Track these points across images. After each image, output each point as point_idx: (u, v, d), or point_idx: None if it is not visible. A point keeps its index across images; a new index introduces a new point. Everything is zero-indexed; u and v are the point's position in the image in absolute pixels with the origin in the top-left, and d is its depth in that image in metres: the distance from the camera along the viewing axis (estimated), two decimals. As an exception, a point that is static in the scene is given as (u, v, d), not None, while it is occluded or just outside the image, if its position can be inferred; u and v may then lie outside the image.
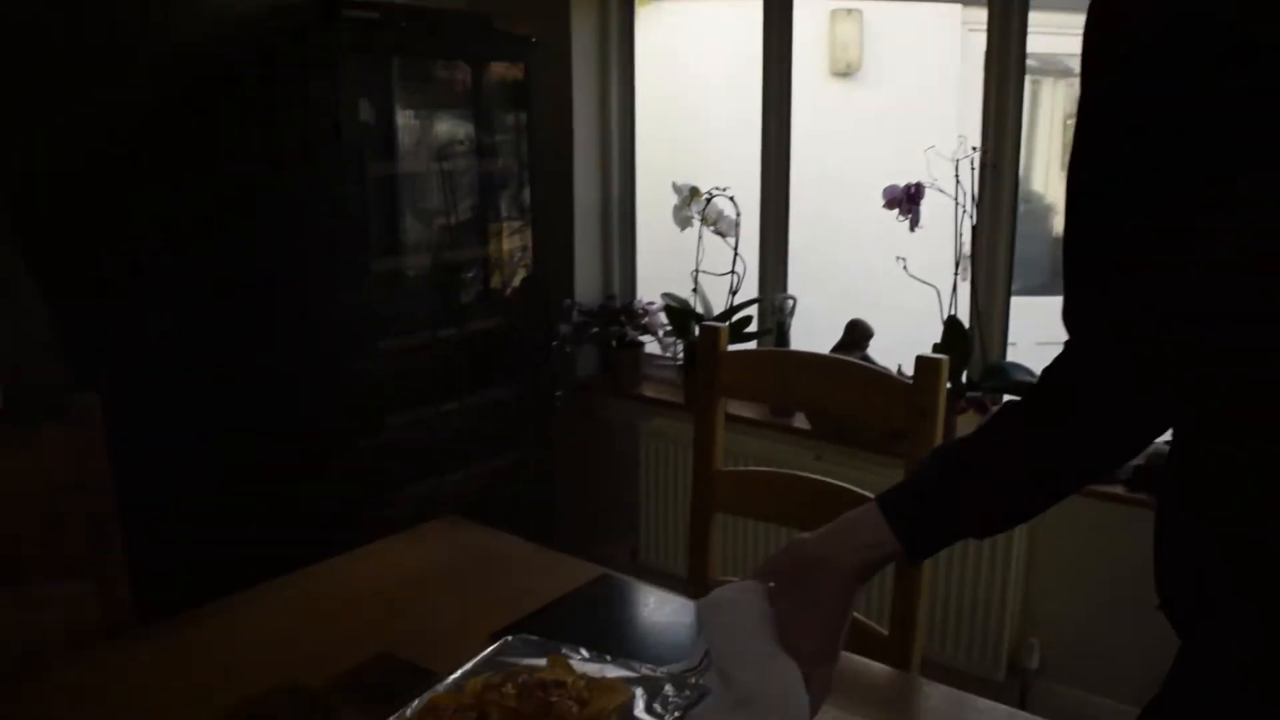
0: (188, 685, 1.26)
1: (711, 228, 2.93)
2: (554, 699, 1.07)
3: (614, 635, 1.32)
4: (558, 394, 3.06)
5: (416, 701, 1.11)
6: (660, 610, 1.41)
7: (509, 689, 1.09)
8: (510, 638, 1.25)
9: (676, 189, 2.96)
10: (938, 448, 1.05)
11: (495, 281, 3.00)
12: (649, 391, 3.17)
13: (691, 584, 1.74)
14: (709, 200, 2.92)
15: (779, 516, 1.65)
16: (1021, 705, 2.48)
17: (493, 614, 1.38)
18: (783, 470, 1.64)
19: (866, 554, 0.98)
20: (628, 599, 1.44)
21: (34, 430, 1.43)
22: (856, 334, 2.71)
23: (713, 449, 1.66)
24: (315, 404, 2.60)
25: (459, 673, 1.18)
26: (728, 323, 2.53)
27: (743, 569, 2.86)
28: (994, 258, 2.65)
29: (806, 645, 0.99)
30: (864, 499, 1.51)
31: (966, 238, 2.62)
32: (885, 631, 1.53)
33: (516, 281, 3.03)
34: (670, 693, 1.11)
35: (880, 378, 1.51)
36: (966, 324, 2.59)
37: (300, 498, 2.70)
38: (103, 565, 1.41)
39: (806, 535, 1.02)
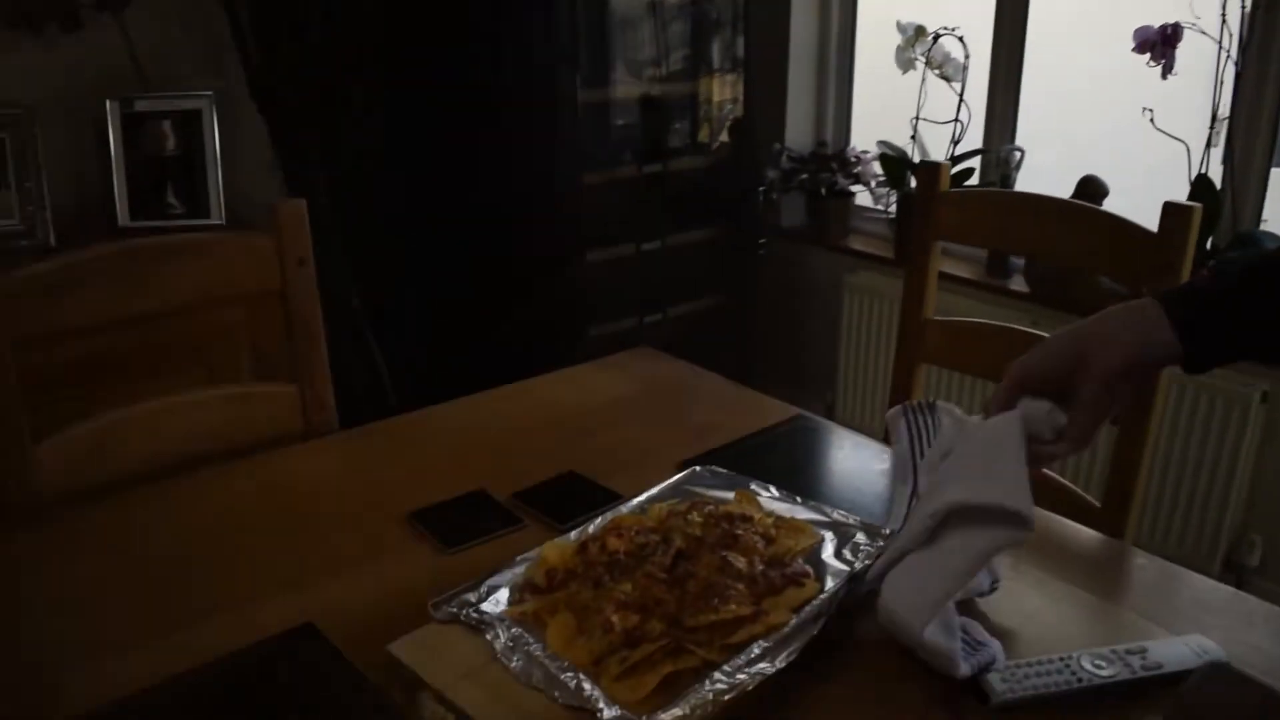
0: (377, 486, 1.29)
1: (936, 71, 2.74)
2: (740, 532, 1.03)
3: (805, 477, 1.27)
4: (761, 241, 2.97)
5: (600, 519, 1.10)
6: (855, 456, 1.35)
7: (694, 517, 1.06)
8: (698, 468, 1.22)
9: (900, 28, 2.76)
10: (1231, 258, 0.92)
11: (704, 126, 2.91)
12: (856, 244, 3.05)
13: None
14: (935, 40, 2.72)
15: (991, 372, 1.54)
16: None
17: (681, 444, 1.35)
18: (999, 323, 1.52)
19: (1143, 347, 0.88)
20: (822, 441, 1.38)
21: (246, 236, 1.47)
22: (1089, 191, 2.49)
23: (923, 294, 1.55)
24: (521, 231, 2.61)
25: (644, 496, 1.16)
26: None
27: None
28: (1258, 113, 2.36)
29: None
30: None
31: (1227, 89, 2.34)
32: (1098, 504, 1.42)
33: (726, 125, 2.93)
34: (862, 541, 1.05)
35: (1120, 223, 1.36)
36: (1218, 185, 2.34)
37: (500, 326, 2.75)
38: (306, 369, 1.45)
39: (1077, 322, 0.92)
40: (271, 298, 1.45)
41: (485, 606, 0.96)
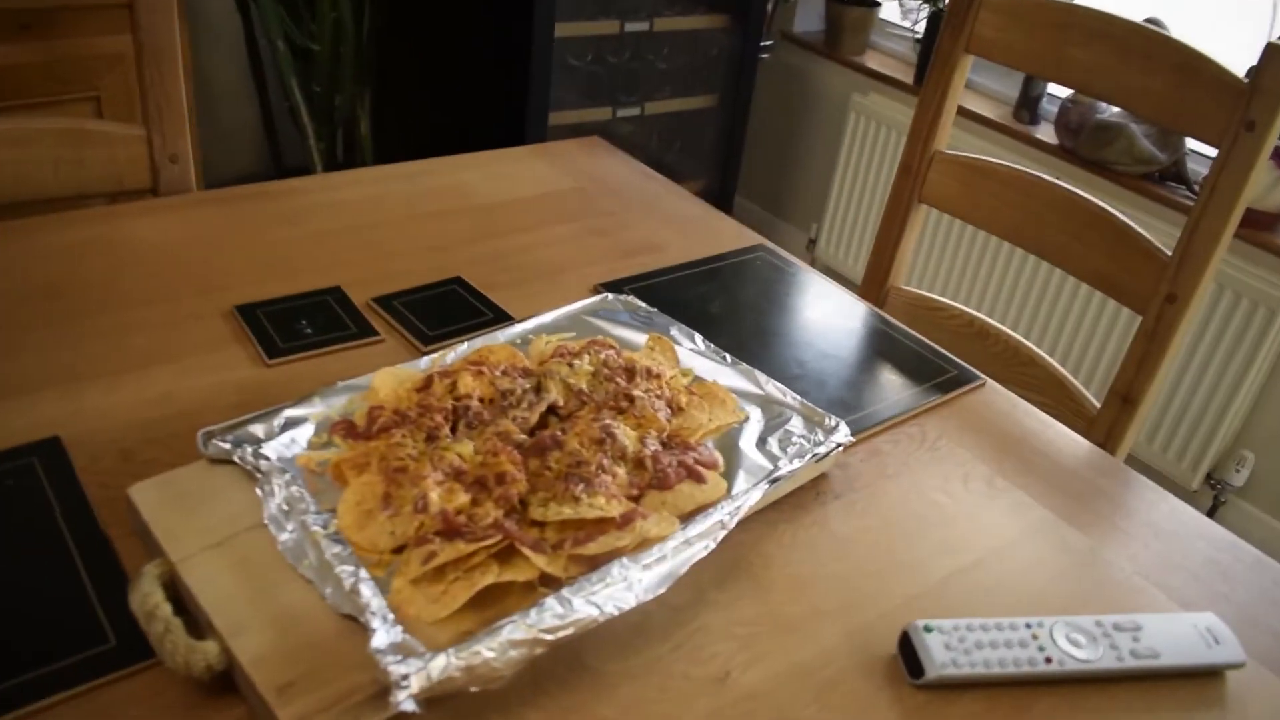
0: (213, 267, 1.02)
1: None
2: (638, 394, 0.77)
3: (746, 329, 1.01)
4: (767, 43, 2.61)
5: (465, 345, 0.84)
6: (820, 310, 1.08)
7: (584, 364, 0.80)
8: (612, 295, 0.95)
9: None
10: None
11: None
12: (873, 62, 2.69)
13: (866, 287, 1.40)
14: None
15: (999, 225, 1.26)
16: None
17: (607, 262, 1.09)
18: (1024, 169, 1.23)
19: None
20: (782, 285, 1.11)
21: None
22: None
23: (938, 119, 1.25)
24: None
25: (531, 322, 0.89)
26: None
27: (932, 283, 2.49)
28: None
29: None
30: (1121, 226, 1.13)
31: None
32: (1098, 405, 1.17)
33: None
34: (797, 430, 0.79)
35: (1201, 62, 1.06)
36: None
37: (444, 100, 2.42)
38: (157, 106, 1.16)
39: None
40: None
41: (270, 447, 0.70)
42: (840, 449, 0.77)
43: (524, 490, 0.67)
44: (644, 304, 0.93)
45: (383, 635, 0.56)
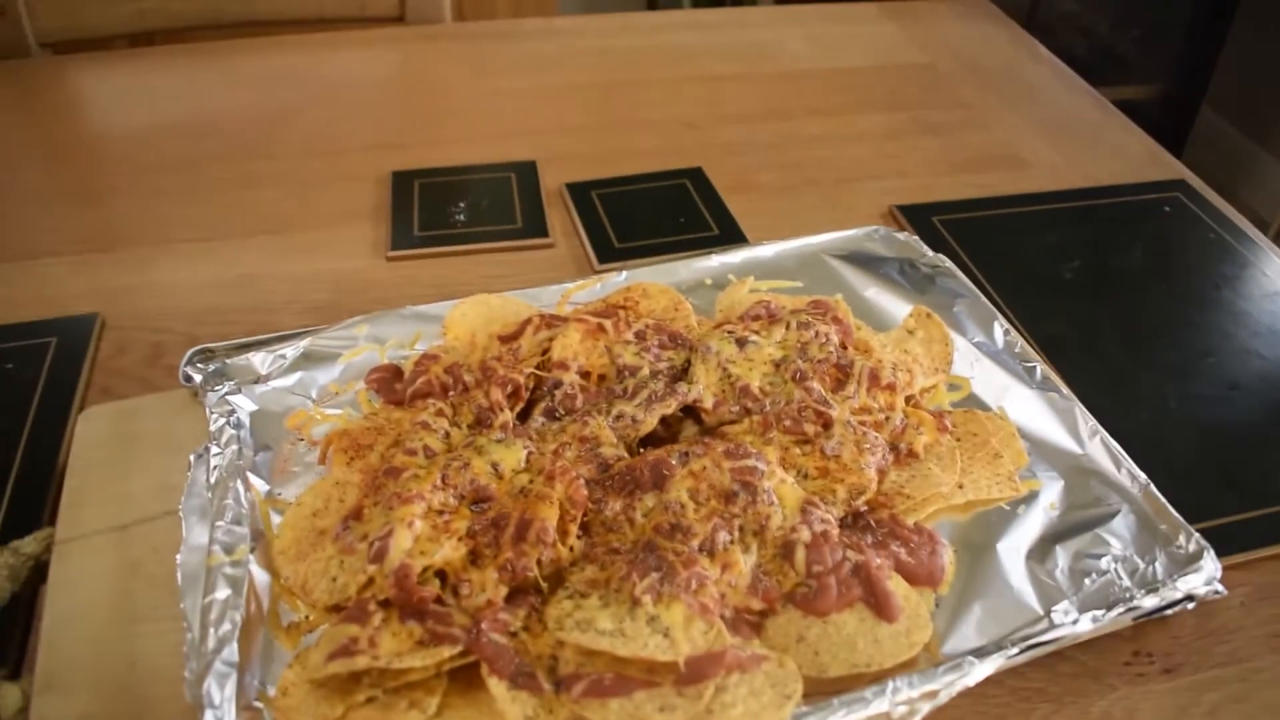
0: (407, 119, 0.81)
1: None
2: (839, 414, 0.45)
3: (1117, 324, 0.62)
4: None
5: (624, 275, 0.55)
6: (1259, 304, 0.66)
7: (770, 343, 0.49)
8: (903, 235, 0.61)
9: None
10: None
11: None
12: None
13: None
14: None
15: None
16: None
17: (924, 175, 0.74)
18: None
19: None
20: (1202, 253, 0.69)
21: None
22: None
23: None
24: None
25: (741, 254, 0.58)
26: None
27: None
28: None
29: None
30: None
31: None
32: None
33: None
34: (1120, 542, 0.44)
35: None
36: None
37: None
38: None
39: None
40: None
41: (257, 392, 0.48)
42: (1190, 606, 0.41)
43: (563, 558, 0.39)
44: (930, 250, 0.59)
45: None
